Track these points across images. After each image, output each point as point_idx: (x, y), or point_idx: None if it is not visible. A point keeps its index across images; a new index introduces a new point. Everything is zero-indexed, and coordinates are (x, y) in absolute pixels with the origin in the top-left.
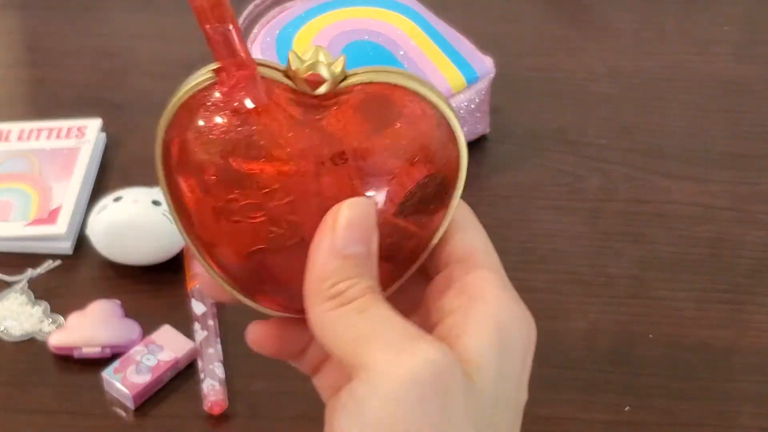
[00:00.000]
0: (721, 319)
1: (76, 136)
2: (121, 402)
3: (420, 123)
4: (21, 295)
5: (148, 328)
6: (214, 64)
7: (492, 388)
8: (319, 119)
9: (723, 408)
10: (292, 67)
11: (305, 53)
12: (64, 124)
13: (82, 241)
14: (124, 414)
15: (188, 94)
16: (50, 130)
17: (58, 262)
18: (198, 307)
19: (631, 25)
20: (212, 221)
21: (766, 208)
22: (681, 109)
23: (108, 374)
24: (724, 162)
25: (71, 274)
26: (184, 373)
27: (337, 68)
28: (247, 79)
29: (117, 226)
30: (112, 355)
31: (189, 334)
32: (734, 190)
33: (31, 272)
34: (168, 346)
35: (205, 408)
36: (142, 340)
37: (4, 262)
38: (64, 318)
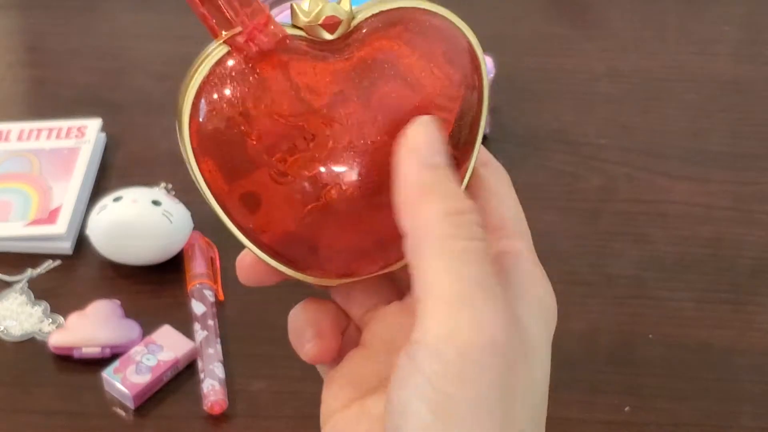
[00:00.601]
0: (721, 319)
1: (76, 136)
2: (121, 402)
3: (445, 40)
4: (21, 295)
5: (148, 328)
6: (220, 39)
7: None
8: (348, 58)
9: (723, 408)
10: (301, 18)
11: (304, 3)
12: (64, 124)
13: (82, 241)
14: (124, 414)
15: (206, 71)
16: (50, 130)
17: (58, 262)
18: (198, 307)
19: (631, 25)
20: (257, 195)
21: (766, 208)
22: (681, 109)
23: (108, 374)
24: (724, 162)
25: (71, 274)
26: (184, 373)
27: (345, 6)
28: (264, 25)
29: (117, 226)
30: (112, 355)
31: (189, 334)
32: (734, 190)
33: (31, 272)
34: (168, 346)
35: (205, 408)
36: (142, 340)
37: (4, 262)
38: (64, 318)
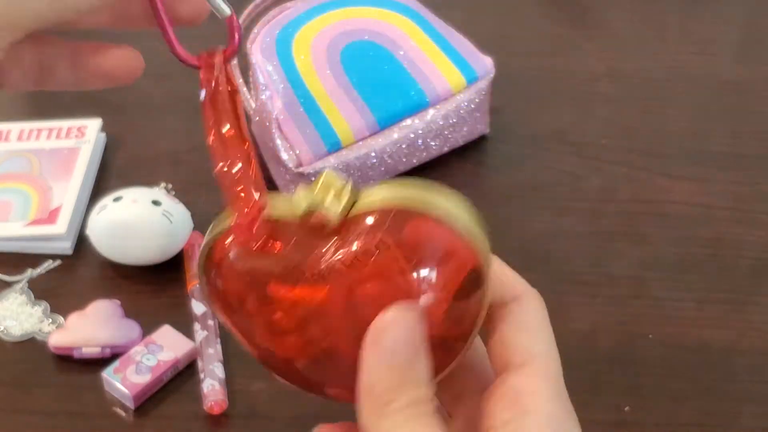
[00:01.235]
0: (721, 319)
1: (76, 136)
2: (121, 402)
3: (440, 231)
4: (21, 295)
5: (148, 328)
6: (228, 214)
7: None
8: (339, 246)
9: (723, 408)
10: (297, 211)
11: (314, 185)
12: (64, 124)
13: (82, 241)
14: (124, 414)
15: (216, 238)
16: (50, 130)
17: (58, 262)
18: (198, 307)
19: (631, 25)
20: (257, 340)
21: (766, 208)
22: (681, 109)
23: (108, 374)
24: (724, 162)
25: (71, 274)
26: (184, 373)
27: (343, 200)
28: (255, 221)
29: (117, 226)
30: (112, 355)
31: (189, 334)
32: (734, 190)
33: (31, 272)
34: (168, 346)
35: (205, 408)
36: (142, 340)
37: (4, 262)
38: (64, 318)
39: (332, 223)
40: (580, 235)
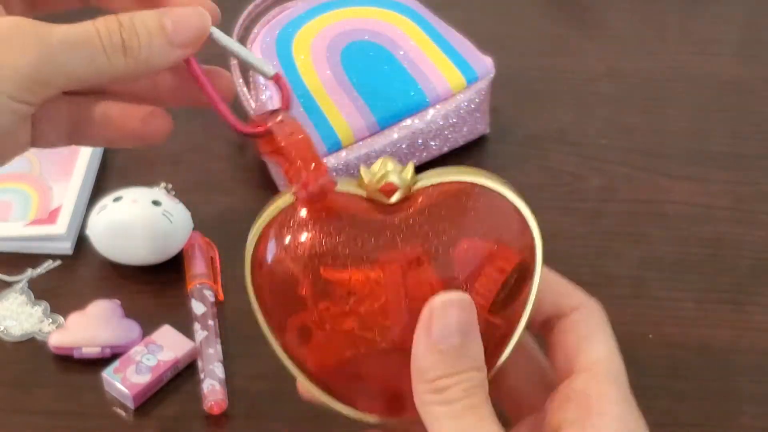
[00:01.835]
0: (721, 319)
1: None
2: (121, 402)
3: (494, 215)
4: (21, 295)
5: (148, 328)
6: (288, 191)
7: None
8: (398, 224)
9: (723, 408)
10: (365, 180)
11: (374, 165)
12: None
13: (82, 241)
14: (124, 414)
15: (270, 216)
16: None
17: (58, 262)
18: (198, 307)
19: (631, 25)
20: (305, 333)
21: (766, 208)
22: (681, 109)
23: (108, 374)
24: (724, 162)
25: (71, 274)
26: (184, 373)
27: (407, 174)
28: (320, 186)
29: (117, 226)
30: (112, 355)
31: (189, 334)
32: (734, 190)
33: (31, 272)
34: (168, 346)
35: (205, 408)
36: (142, 340)
37: (4, 262)
38: (64, 318)
39: (395, 196)
40: (580, 235)
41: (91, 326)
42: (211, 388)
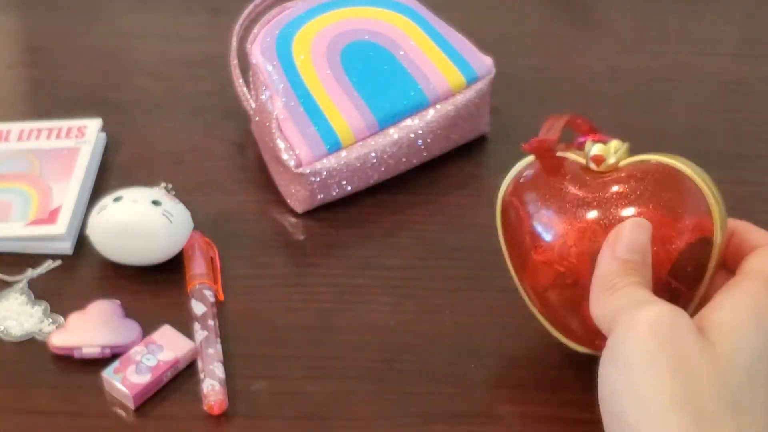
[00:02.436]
0: None
1: (76, 136)
2: (121, 402)
3: (686, 194)
4: (21, 295)
5: (148, 328)
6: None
7: (739, 362)
8: (604, 187)
9: None
10: (585, 149)
11: (597, 144)
12: (64, 124)
13: (82, 241)
14: (124, 414)
15: (516, 170)
16: (50, 130)
17: (58, 262)
18: (198, 307)
19: (631, 25)
20: (529, 264)
21: (766, 207)
22: (681, 109)
23: (108, 374)
24: (724, 162)
25: (71, 274)
26: (184, 373)
27: (620, 149)
28: (551, 157)
29: (117, 226)
30: (112, 355)
31: (189, 334)
32: (734, 190)
33: (31, 272)
34: (168, 346)
35: (205, 408)
36: (142, 340)
37: (4, 262)
38: (64, 318)
39: (602, 165)
40: None
41: (91, 326)
42: (211, 388)
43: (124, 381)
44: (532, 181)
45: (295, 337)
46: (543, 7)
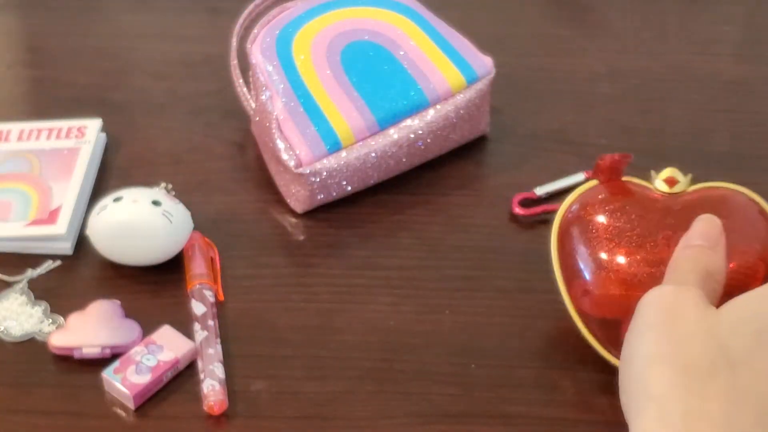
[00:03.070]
0: None
1: (76, 136)
2: (121, 402)
3: (753, 221)
4: (21, 295)
5: (148, 328)
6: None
7: (744, 328)
8: (676, 206)
9: None
10: (652, 174)
11: (659, 173)
12: (64, 124)
13: (82, 241)
14: (124, 414)
15: (577, 194)
16: (50, 130)
17: (58, 262)
18: (198, 307)
19: (631, 25)
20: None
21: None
22: (681, 109)
23: (108, 374)
24: (724, 162)
25: (71, 274)
26: (184, 373)
27: (688, 177)
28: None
29: (117, 226)
30: (112, 355)
31: (189, 334)
32: None
33: (31, 272)
34: (168, 346)
35: (205, 408)
36: (142, 340)
37: (4, 262)
38: (64, 318)
39: (676, 187)
40: None
41: (91, 326)
42: (211, 388)
43: (124, 381)
44: (599, 201)
45: (295, 337)
46: (543, 7)
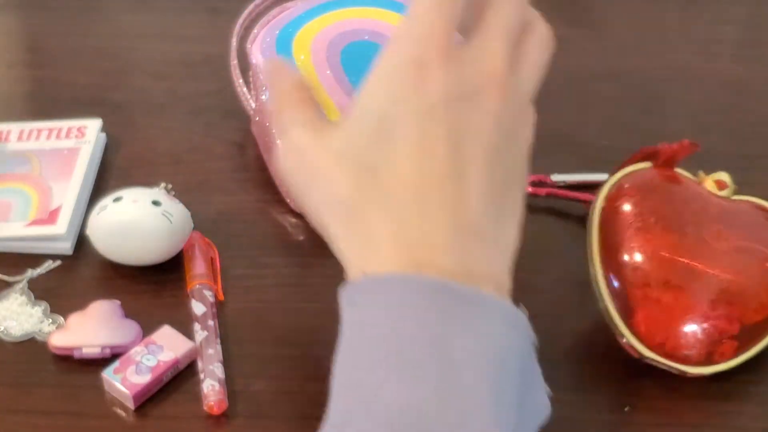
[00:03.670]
0: None
1: (76, 137)
2: (121, 402)
3: None
4: (21, 295)
5: (148, 328)
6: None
7: (361, 125)
8: (719, 206)
9: (723, 408)
10: (701, 175)
11: (704, 175)
12: (64, 124)
13: (82, 241)
14: (124, 414)
15: (625, 172)
16: (50, 130)
17: (58, 262)
18: (198, 307)
19: (631, 25)
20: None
21: None
22: (681, 109)
23: (108, 374)
24: (724, 162)
25: (71, 274)
26: (184, 373)
27: (733, 186)
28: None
29: (117, 226)
30: (112, 355)
31: (189, 334)
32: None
33: (31, 272)
34: (168, 346)
35: (205, 408)
36: (142, 340)
37: (4, 262)
38: (64, 318)
39: (725, 191)
40: (580, 235)
41: (91, 326)
42: (211, 388)
43: (124, 381)
44: (651, 186)
45: (295, 337)
46: (543, 7)
